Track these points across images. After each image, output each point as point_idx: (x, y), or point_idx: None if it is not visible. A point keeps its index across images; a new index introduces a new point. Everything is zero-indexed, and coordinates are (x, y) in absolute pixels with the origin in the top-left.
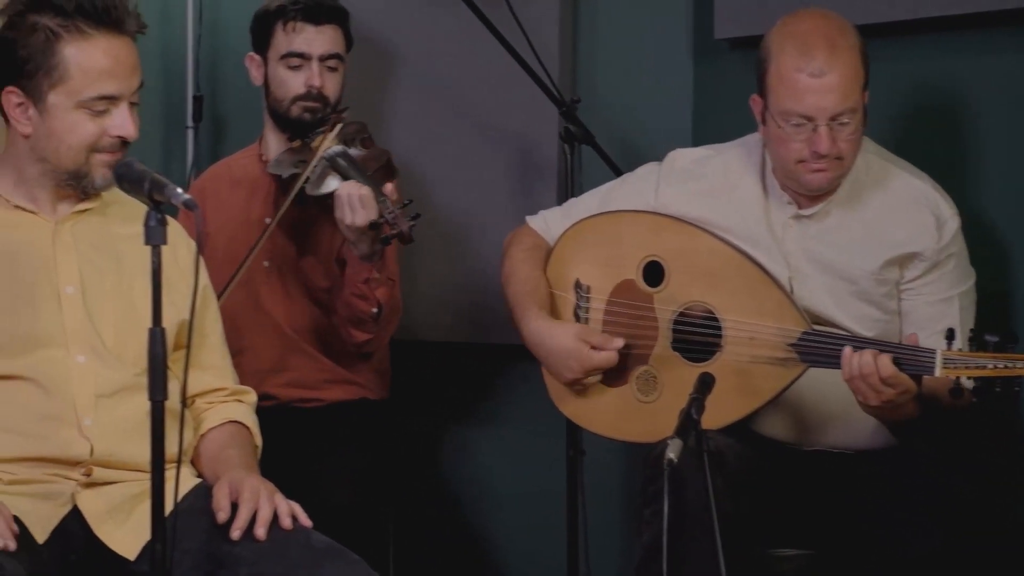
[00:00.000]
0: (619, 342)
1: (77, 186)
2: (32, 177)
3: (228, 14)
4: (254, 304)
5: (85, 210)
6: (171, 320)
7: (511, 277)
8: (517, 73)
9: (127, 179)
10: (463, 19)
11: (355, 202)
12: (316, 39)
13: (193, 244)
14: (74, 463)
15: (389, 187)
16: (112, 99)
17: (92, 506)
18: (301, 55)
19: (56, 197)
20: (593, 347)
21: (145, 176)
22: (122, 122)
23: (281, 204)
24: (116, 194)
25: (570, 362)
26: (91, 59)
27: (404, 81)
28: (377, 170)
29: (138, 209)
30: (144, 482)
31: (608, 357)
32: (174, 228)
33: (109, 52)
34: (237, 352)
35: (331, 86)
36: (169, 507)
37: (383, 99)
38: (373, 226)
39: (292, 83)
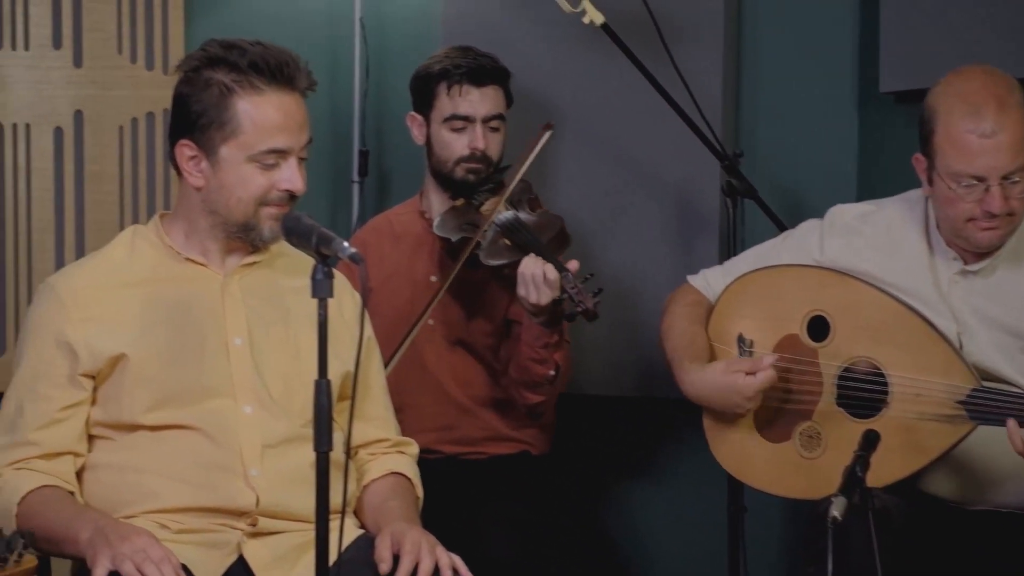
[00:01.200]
0: (770, 358)
1: (246, 238)
2: (203, 229)
3: (394, 71)
4: (418, 362)
5: (253, 263)
6: (335, 372)
7: (669, 331)
8: (679, 126)
9: (296, 233)
10: (625, 72)
11: (539, 282)
12: (479, 101)
13: (357, 296)
14: (240, 513)
15: (574, 263)
16: (282, 153)
17: (258, 556)
18: (465, 117)
19: (225, 250)
20: (747, 374)
21: (313, 230)
22: (291, 176)
23: (447, 264)
24: (282, 247)
25: (732, 396)
26: (263, 114)
27: (566, 136)
28: (552, 239)
29: (303, 262)
30: (308, 532)
31: (767, 376)
32: (339, 280)
33: (280, 108)
34: (400, 409)
35: (494, 146)
36: (333, 557)
37: (545, 154)
38: (556, 302)
39: (455, 145)
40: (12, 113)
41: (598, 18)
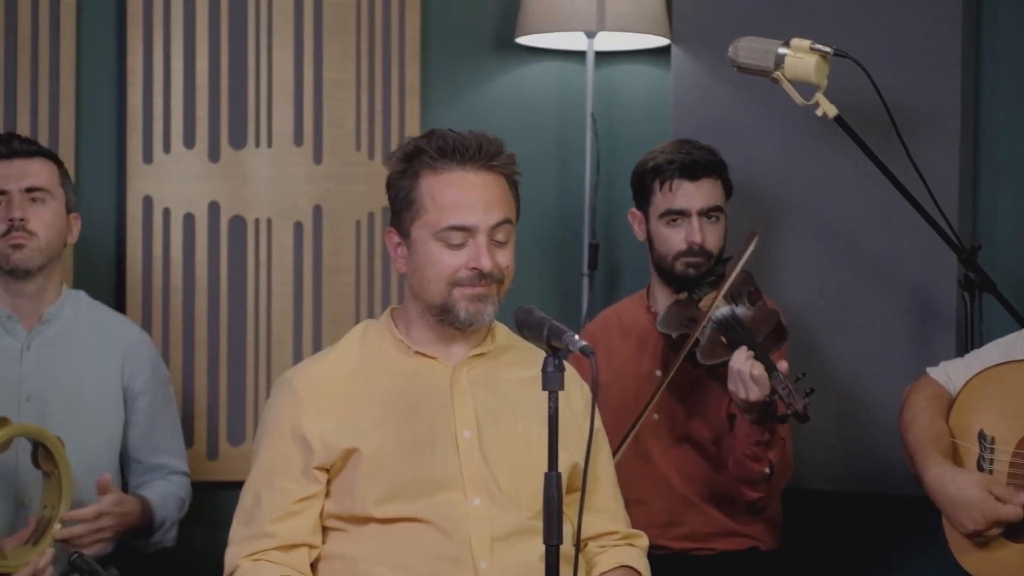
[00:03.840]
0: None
1: (446, 321)
2: (416, 317)
3: (624, 165)
4: (644, 457)
5: (480, 354)
6: (564, 464)
7: (911, 425)
8: (913, 218)
9: (526, 325)
10: (858, 164)
11: (747, 380)
12: (694, 195)
13: (586, 389)
14: None
15: (783, 364)
16: (467, 231)
17: None
18: (680, 212)
19: (448, 340)
20: (998, 498)
21: (544, 323)
22: (477, 254)
23: (670, 360)
24: (511, 338)
25: (973, 512)
26: (443, 191)
27: (794, 227)
28: (768, 335)
29: (530, 354)
30: None
31: (1014, 511)
32: (569, 373)
33: (461, 185)
34: (626, 504)
35: (712, 239)
36: None
37: (771, 245)
38: (766, 401)
39: (673, 240)
40: (255, 208)
41: (831, 110)
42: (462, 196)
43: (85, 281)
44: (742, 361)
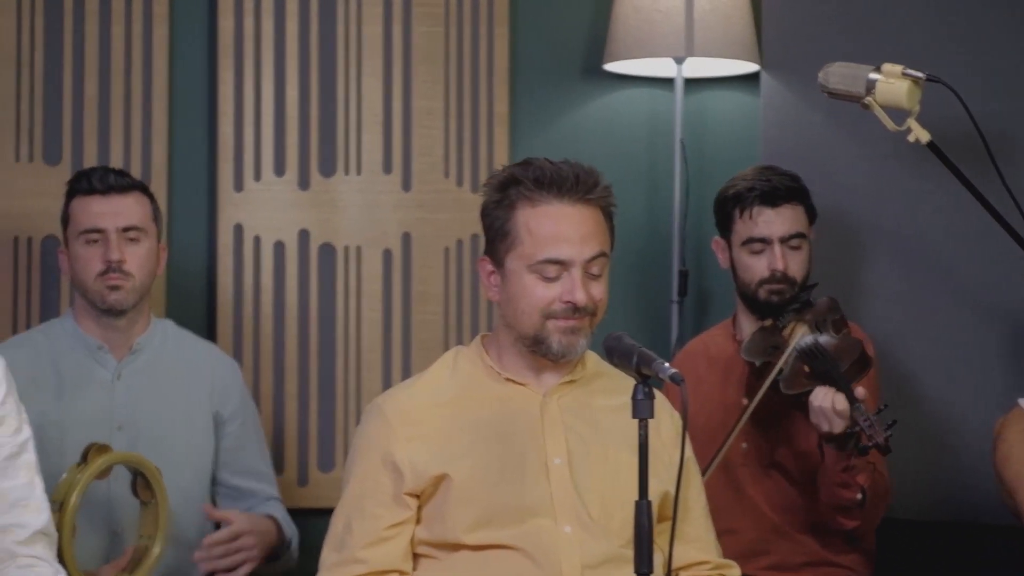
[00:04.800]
0: None
1: (538, 352)
2: (507, 345)
3: (714, 192)
4: (734, 486)
5: (570, 382)
6: (654, 492)
7: (1008, 460)
8: (1008, 246)
9: (617, 352)
10: (951, 191)
11: (830, 414)
12: (775, 221)
13: (676, 417)
14: None
15: (861, 391)
16: (562, 264)
17: None
18: (762, 239)
19: (539, 368)
20: None
21: (634, 350)
22: (572, 288)
23: (755, 388)
24: (600, 365)
25: None
26: (539, 224)
27: (885, 254)
28: (851, 365)
29: (620, 382)
30: None
31: None
32: (659, 401)
33: (558, 218)
34: (718, 533)
35: (795, 266)
36: None
37: (862, 272)
38: (848, 432)
39: (756, 267)
40: (344, 236)
41: (924, 136)
42: (558, 229)
43: (177, 309)
44: (822, 397)
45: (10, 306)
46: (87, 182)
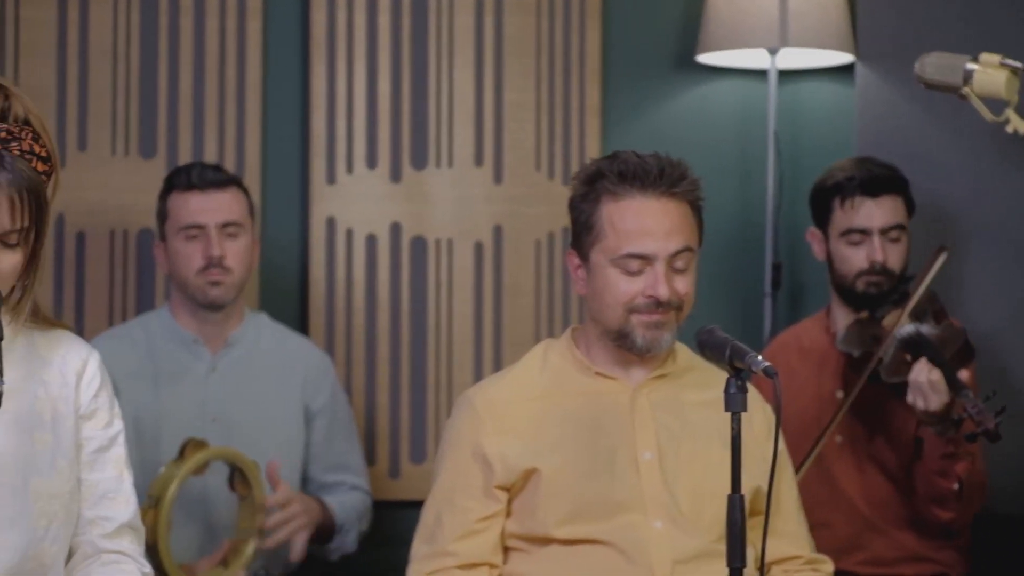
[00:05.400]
0: None
1: (624, 346)
2: (596, 338)
3: (808, 184)
4: (828, 480)
5: (661, 376)
6: (746, 487)
7: None
8: None
9: (709, 346)
10: None
11: (926, 389)
12: (875, 213)
13: (768, 410)
14: None
15: (966, 374)
16: (645, 259)
17: None
18: (861, 230)
19: (628, 362)
20: None
21: (726, 343)
22: (654, 282)
23: (851, 380)
24: (691, 359)
25: None
26: (622, 218)
27: (983, 246)
28: (955, 353)
29: (711, 375)
30: None
31: None
32: (751, 394)
33: (641, 212)
34: (811, 528)
35: (894, 258)
36: None
37: (960, 265)
38: (954, 418)
39: (854, 259)
40: (435, 228)
41: (1022, 127)
42: (641, 223)
43: (270, 303)
44: (918, 371)
45: (106, 299)
46: (185, 178)
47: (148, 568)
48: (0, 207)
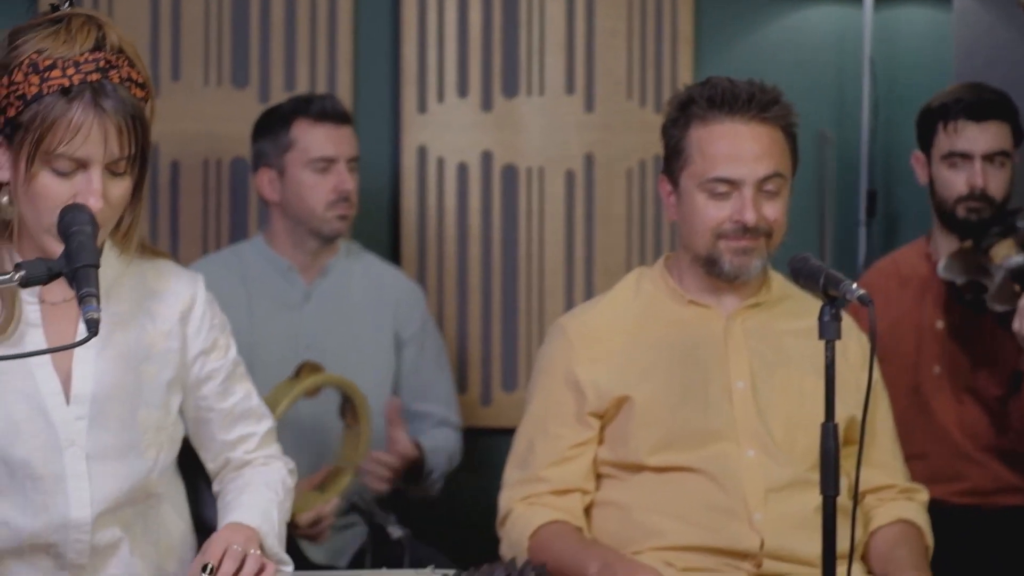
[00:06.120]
0: None
1: (713, 273)
2: (686, 267)
3: (904, 110)
4: (924, 411)
5: (755, 304)
6: (841, 416)
7: None
8: None
9: (802, 274)
10: None
11: None
12: (979, 137)
13: (864, 340)
14: (745, 555)
15: None
16: (731, 183)
17: None
18: (963, 154)
19: (719, 290)
20: None
21: (820, 271)
22: (741, 207)
23: (952, 310)
24: (785, 288)
25: None
26: (708, 143)
27: None
28: None
29: (806, 304)
30: None
31: None
32: (846, 323)
33: (728, 136)
34: (907, 458)
35: (995, 185)
36: None
37: None
38: None
39: (955, 183)
40: (527, 157)
41: None
42: (729, 148)
43: (362, 232)
44: None
45: (200, 228)
46: (319, 106)
47: (292, 464)
48: (108, 135)
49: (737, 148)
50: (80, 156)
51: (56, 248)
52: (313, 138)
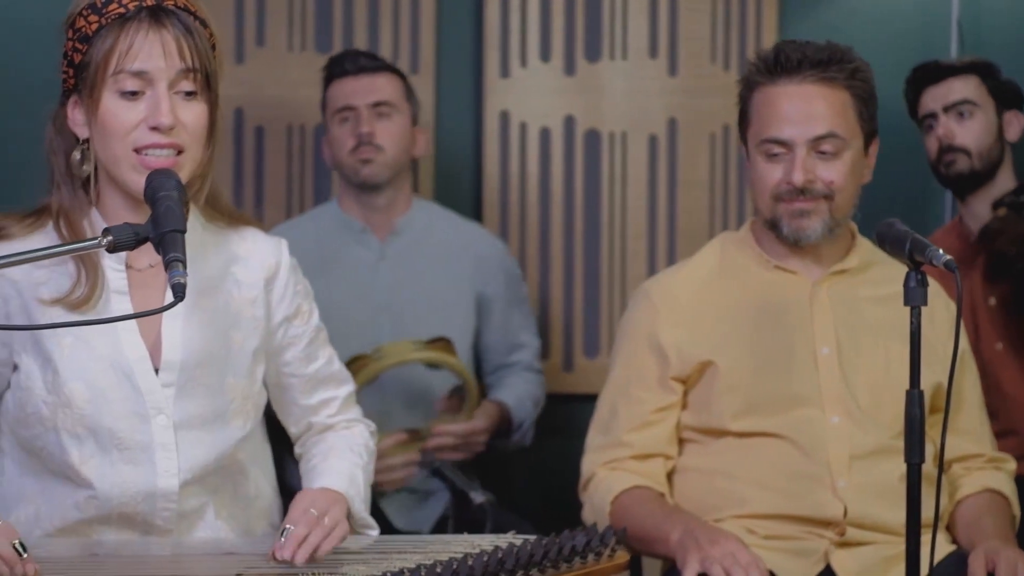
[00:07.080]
0: None
1: (778, 237)
2: (762, 230)
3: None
4: (995, 388)
5: (842, 271)
6: (927, 383)
7: None
8: None
9: (888, 239)
10: None
11: None
12: (938, 95)
13: (952, 305)
14: (828, 523)
15: None
16: (783, 144)
17: (845, 566)
18: (930, 114)
19: (803, 255)
20: None
21: (906, 237)
22: (790, 168)
23: (1000, 284)
24: (873, 254)
25: None
26: (766, 104)
27: None
28: None
29: (891, 270)
30: (898, 545)
31: None
32: (933, 288)
33: (783, 97)
34: (996, 436)
35: (964, 134)
36: (923, 572)
37: None
38: None
39: (931, 144)
40: (609, 121)
41: None
42: (781, 108)
43: (445, 196)
44: None
45: (284, 193)
46: (339, 65)
47: (373, 427)
48: (167, 47)
49: (788, 109)
50: (140, 68)
51: (137, 181)
52: (334, 93)
